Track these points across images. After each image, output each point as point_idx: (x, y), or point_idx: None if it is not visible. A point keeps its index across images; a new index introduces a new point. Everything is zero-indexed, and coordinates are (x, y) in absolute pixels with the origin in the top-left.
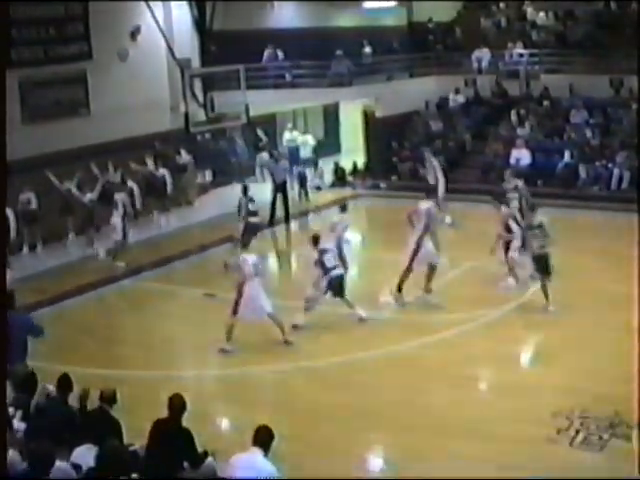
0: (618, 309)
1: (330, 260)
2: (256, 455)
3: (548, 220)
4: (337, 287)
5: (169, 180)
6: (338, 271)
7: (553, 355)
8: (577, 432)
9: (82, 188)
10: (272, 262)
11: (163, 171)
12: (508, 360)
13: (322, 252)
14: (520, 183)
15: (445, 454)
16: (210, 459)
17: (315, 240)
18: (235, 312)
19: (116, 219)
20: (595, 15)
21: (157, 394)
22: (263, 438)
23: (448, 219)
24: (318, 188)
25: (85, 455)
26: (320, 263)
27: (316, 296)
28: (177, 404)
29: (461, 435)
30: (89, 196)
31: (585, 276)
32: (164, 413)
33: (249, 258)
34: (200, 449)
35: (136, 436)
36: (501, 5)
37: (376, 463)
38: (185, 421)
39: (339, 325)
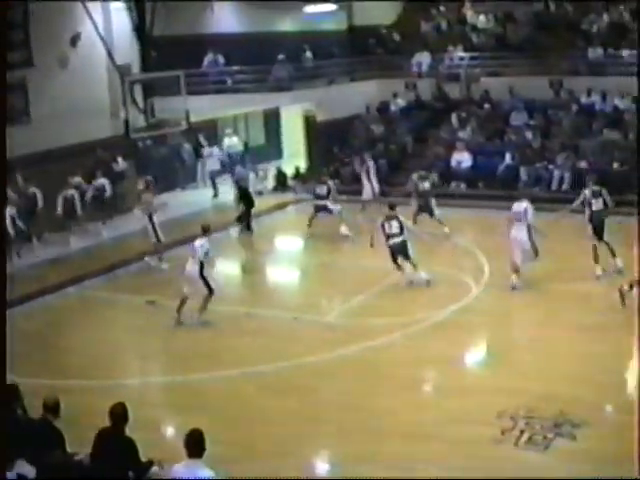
0: (565, 309)
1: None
2: (196, 464)
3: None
4: None
5: (108, 188)
6: None
7: (499, 356)
8: (522, 432)
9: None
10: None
11: (102, 180)
12: (454, 361)
13: None
14: None
15: (392, 456)
16: (155, 468)
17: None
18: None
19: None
20: (534, 17)
21: (102, 403)
22: (195, 445)
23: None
24: (260, 193)
25: (27, 465)
26: None
27: None
28: (118, 413)
29: (407, 437)
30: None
31: (528, 276)
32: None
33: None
34: (145, 458)
35: (81, 445)
36: (441, 8)
37: (324, 467)
38: (129, 430)
39: (285, 330)
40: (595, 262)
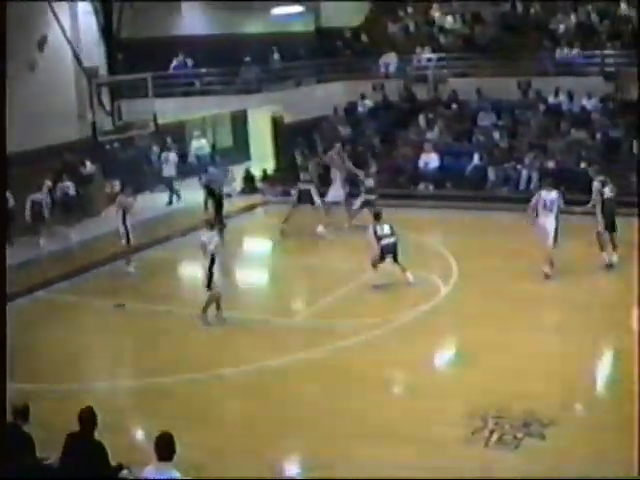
0: (531, 309)
1: None
2: (166, 466)
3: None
4: None
5: (72, 190)
6: None
7: (468, 356)
8: (492, 432)
9: None
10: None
11: (68, 183)
12: (423, 362)
13: None
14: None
15: (362, 457)
16: (125, 472)
17: None
18: None
19: None
20: (502, 18)
21: (71, 407)
22: (166, 448)
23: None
24: (228, 195)
25: None
26: None
27: None
28: (87, 417)
29: (377, 439)
30: None
31: (497, 277)
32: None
33: None
34: (114, 462)
35: (51, 449)
36: (408, 10)
37: (293, 469)
38: (98, 433)
39: (253, 331)
40: (602, 250)
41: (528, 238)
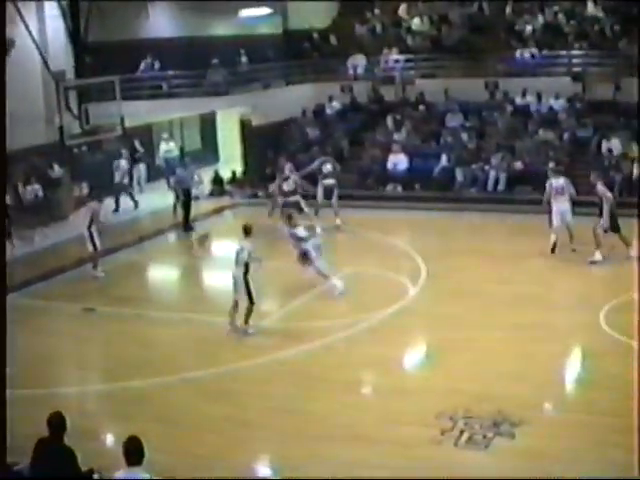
0: (500, 308)
1: None
2: (135, 471)
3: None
4: None
5: (40, 194)
6: None
7: (436, 357)
8: (461, 432)
9: None
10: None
11: (37, 186)
12: (392, 363)
13: None
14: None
15: (332, 459)
16: (96, 476)
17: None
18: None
19: None
20: (469, 19)
21: (40, 412)
22: (134, 452)
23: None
24: (196, 198)
25: None
26: None
27: None
28: (57, 422)
29: (346, 440)
30: None
31: (465, 277)
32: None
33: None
34: (84, 467)
35: (21, 455)
36: (376, 11)
37: (264, 471)
38: (68, 439)
39: (219, 334)
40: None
41: (497, 238)
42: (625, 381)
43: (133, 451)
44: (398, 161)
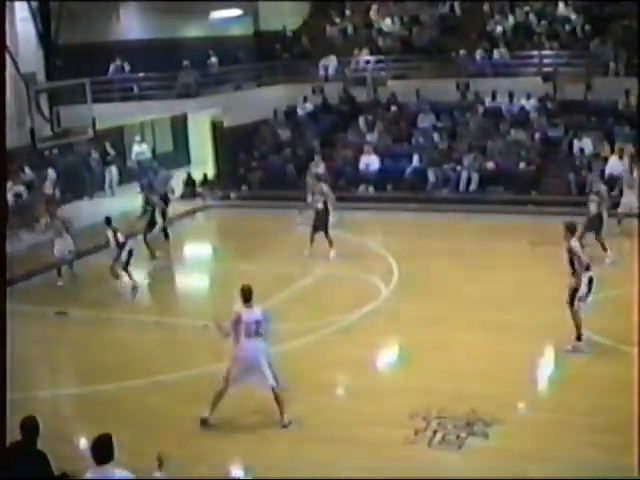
0: (472, 308)
1: None
2: (105, 469)
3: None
4: None
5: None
6: None
7: (409, 357)
8: (435, 432)
9: None
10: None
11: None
12: (364, 364)
13: None
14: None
15: (307, 460)
16: None
17: None
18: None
19: None
20: (440, 20)
21: (13, 416)
22: (102, 450)
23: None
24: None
25: None
26: None
27: None
28: (29, 426)
29: (320, 441)
30: None
31: (438, 277)
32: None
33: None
34: (57, 471)
35: None
36: (347, 12)
37: (239, 473)
38: (41, 443)
39: (191, 337)
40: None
41: (470, 239)
42: (598, 379)
43: (100, 449)
44: (370, 162)
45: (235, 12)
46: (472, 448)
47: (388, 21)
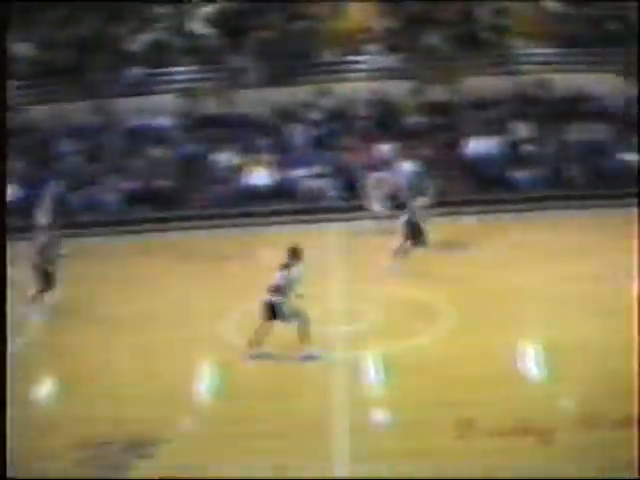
0: (120, 331)
1: None
2: None
3: None
4: None
5: None
6: None
7: (69, 387)
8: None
9: None
10: None
11: None
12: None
13: None
14: None
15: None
16: None
17: None
18: None
19: None
20: (79, 40)
21: None
22: None
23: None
24: None
25: None
26: None
27: None
28: None
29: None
30: None
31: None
32: None
33: None
34: None
35: None
36: None
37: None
38: None
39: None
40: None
41: (116, 261)
42: (255, 389)
43: None
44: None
45: None
46: (140, 470)
47: (22, 46)
